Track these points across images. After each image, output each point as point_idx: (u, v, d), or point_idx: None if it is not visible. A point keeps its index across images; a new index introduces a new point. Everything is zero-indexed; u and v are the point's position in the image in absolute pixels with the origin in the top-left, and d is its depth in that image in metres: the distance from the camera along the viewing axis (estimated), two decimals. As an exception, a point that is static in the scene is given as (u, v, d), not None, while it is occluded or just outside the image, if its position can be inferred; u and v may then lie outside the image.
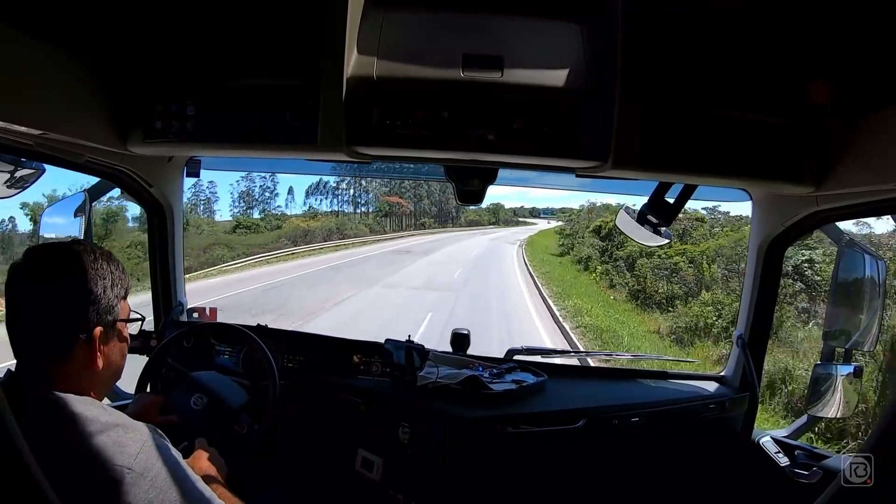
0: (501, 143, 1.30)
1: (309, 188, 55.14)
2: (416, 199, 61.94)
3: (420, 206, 62.44)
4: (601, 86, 1.23)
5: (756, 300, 1.93)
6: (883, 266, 1.70)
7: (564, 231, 37.58)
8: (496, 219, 72.71)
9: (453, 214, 66.97)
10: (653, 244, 1.80)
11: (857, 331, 1.74)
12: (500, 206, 73.10)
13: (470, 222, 69.42)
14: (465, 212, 68.46)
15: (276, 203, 53.20)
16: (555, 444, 1.83)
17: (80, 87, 1.33)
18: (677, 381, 2.18)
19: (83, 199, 1.93)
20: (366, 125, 1.30)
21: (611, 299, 17.98)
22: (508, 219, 73.60)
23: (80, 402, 0.98)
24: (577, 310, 14.66)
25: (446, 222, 66.04)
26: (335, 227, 43.76)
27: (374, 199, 57.59)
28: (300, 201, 58.43)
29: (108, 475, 0.91)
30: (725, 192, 1.90)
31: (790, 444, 1.85)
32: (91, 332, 1.00)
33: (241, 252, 30.36)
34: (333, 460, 1.94)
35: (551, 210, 66.15)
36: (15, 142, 1.33)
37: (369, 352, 2.09)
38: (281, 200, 64.60)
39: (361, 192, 55.73)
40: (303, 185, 61.58)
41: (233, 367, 2.02)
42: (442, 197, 63.24)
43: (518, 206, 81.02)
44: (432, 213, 64.84)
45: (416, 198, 61.84)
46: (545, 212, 70.81)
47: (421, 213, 63.05)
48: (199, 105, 1.40)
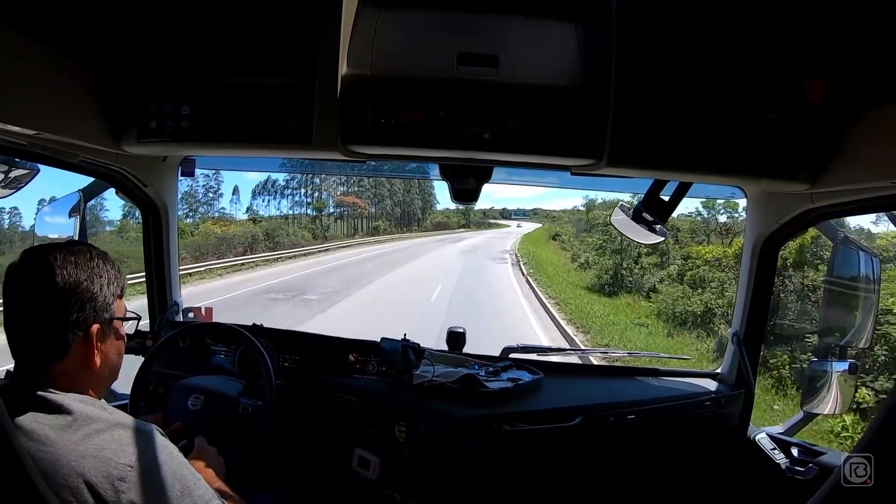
0: (496, 141, 1.30)
1: (255, 188, 49.29)
2: (376, 199, 56.35)
3: (381, 207, 56.94)
4: (596, 84, 1.24)
5: (751, 297, 1.93)
6: (877, 263, 1.71)
7: (567, 237, 33.77)
8: (466, 220, 65.60)
9: (418, 216, 61.50)
10: (648, 242, 1.81)
11: (852, 328, 1.74)
12: (470, 206, 61.32)
13: (437, 225, 61.68)
14: (432, 212, 62.73)
15: (219, 205, 45.93)
16: (551, 442, 1.83)
17: (74, 87, 1.33)
18: (673, 379, 2.19)
19: (78, 199, 1.93)
20: (361, 124, 1.30)
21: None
22: (479, 221, 66.18)
23: (81, 400, 0.98)
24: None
25: (410, 224, 59.74)
26: (264, 234, 34.43)
27: (328, 199, 51.97)
28: (246, 202, 53.37)
29: (109, 474, 0.91)
30: (720, 190, 1.91)
31: (786, 441, 1.86)
32: (88, 329, 1.01)
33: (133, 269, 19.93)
34: (330, 459, 1.94)
35: (523, 211, 59.21)
36: (9, 142, 1.33)
37: (365, 351, 2.09)
38: (226, 202, 56.82)
39: (314, 192, 50.23)
40: (249, 184, 55.89)
41: (229, 367, 2.02)
42: (406, 197, 58.65)
43: (487, 207, 73.01)
44: (395, 216, 58.97)
45: (377, 198, 56.43)
46: (517, 213, 64.67)
47: (382, 215, 57.01)
48: (193, 105, 1.39)
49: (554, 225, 48.56)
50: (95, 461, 0.91)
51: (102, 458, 0.92)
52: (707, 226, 20.99)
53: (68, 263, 1.00)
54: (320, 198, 50.51)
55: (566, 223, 44.89)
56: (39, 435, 0.91)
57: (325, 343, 2.16)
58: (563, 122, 1.29)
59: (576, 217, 45.25)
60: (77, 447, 0.92)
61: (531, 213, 61.27)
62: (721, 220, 20.72)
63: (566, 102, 1.28)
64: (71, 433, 0.93)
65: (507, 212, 69.76)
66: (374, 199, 55.79)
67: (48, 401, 0.95)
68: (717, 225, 20.81)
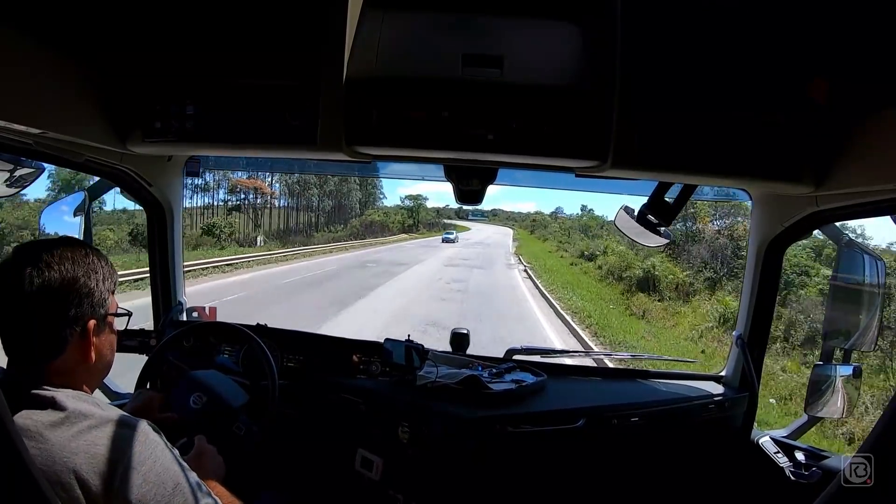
0: (501, 142, 1.30)
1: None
2: (300, 187, 42.23)
3: (304, 198, 42.49)
4: (601, 85, 1.23)
5: (755, 300, 1.92)
6: (882, 266, 1.70)
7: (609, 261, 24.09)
8: (414, 221, 53.21)
9: (356, 210, 48.17)
10: (652, 244, 1.80)
11: (857, 331, 1.74)
12: (421, 204, 54.80)
13: (367, 227, 45.28)
14: (369, 210, 50.52)
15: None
16: (554, 444, 1.83)
17: (79, 87, 1.33)
18: (677, 381, 2.18)
19: (83, 198, 1.94)
20: (365, 125, 1.30)
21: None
22: (432, 221, 55.43)
23: (74, 396, 0.99)
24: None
25: (335, 223, 45.14)
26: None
27: (221, 182, 38.55)
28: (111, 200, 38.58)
29: (101, 469, 0.92)
30: (725, 192, 1.91)
31: (789, 445, 1.85)
32: (85, 325, 1.02)
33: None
34: (333, 460, 1.94)
35: (481, 212, 52.30)
36: (14, 141, 1.33)
37: (369, 351, 2.09)
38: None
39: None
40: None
41: (232, 367, 2.02)
42: (342, 187, 45.26)
43: (442, 205, 63.63)
44: (325, 210, 45.72)
45: (301, 186, 42.41)
46: (474, 214, 56.63)
47: (307, 208, 43.38)
48: (198, 104, 1.39)
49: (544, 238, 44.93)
50: (87, 457, 0.92)
51: (94, 455, 0.92)
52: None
53: (65, 260, 1.01)
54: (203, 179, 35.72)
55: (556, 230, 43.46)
56: (33, 432, 0.91)
57: (329, 343, 2.16)
58: (567, 123, 1.28)
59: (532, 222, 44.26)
60: (69, 444, 0.92)
61: (490, 213, 54.82)
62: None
63: (570, 104, 1.28)
64: (64, 430, 0.93)
65: (463, 212, 58.27)
66: (291, 187, 42.02)
67: (42, 397, 0.96)
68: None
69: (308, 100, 1.30)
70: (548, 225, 50.95)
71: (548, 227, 49.08)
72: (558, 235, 42.65)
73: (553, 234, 45.00)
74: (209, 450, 1.39)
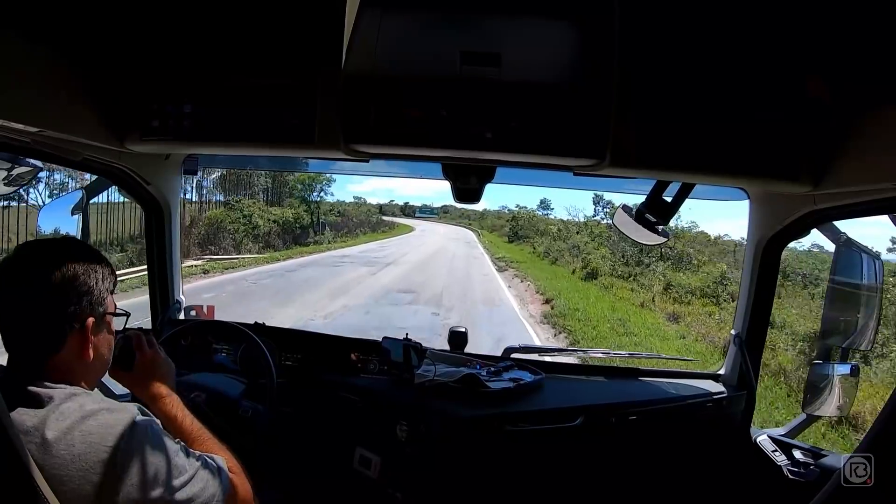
0: (499, 141, 1.29)
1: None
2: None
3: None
4: (599, 83, 1.23)
5: (753, 299, 1.92)
6: (880, 265, 1.70)
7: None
8: (348, 225, 31.39)
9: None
10: (651, 243, 1.80)
11: (855, 330, 1.74)
12: (362, 199, 41.56)
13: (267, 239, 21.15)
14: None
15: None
16: (552, 443, 1.83)
17: (76, 85, 1.33)
18: (675, 380, 2.18)
19: (81, 197, 1.93)
20: (363, 123, 1.29)
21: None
22: (375, 222, 37.93)
23: (71, 391, 1.01)
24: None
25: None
26: None
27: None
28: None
29: (99, 458, 0.94)
30: (723, 191, 1.90)
31: (787, 443, 1.85)
32: (84, 322, 1.03)
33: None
34: (331, 458, 1.94)
35: (430, 209, 46.69)
36: (12, 139, 1.33)
37: (367, 350, 2.09)
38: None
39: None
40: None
41: (230, 365, 2.02)
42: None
43: (386, 200, 54.29)
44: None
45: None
46: (422, 210, 49.28)
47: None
48: (196, 103, 1.39)
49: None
50: (84, 447, 0.94)
51: (91, 444, 0.94)
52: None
53: (66, 258, 1.02)
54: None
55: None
56: (30, 427, 0.93)
57: (327, 342, 2.16)
58: (565, 121, 1.28)
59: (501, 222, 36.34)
60: (65, 436, 0.94)
61: (440, 210, 45.72)
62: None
63: (569, 102, 1.28)
64: (60, 423, 0.95)
65: (409, 208, 51.30)
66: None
67: (38, 393, 0.98)
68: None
69: (305, 98, 1.30)
70: (556, 233, 26.59)
71: (569, 237, 23.88)
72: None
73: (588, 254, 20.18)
74: (150, 355, 1.29)
